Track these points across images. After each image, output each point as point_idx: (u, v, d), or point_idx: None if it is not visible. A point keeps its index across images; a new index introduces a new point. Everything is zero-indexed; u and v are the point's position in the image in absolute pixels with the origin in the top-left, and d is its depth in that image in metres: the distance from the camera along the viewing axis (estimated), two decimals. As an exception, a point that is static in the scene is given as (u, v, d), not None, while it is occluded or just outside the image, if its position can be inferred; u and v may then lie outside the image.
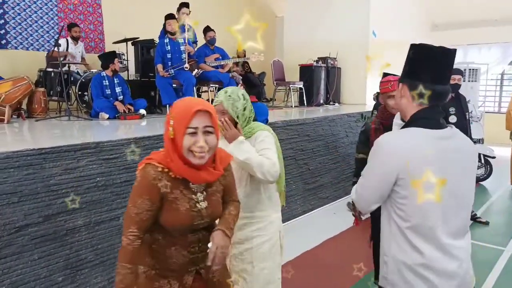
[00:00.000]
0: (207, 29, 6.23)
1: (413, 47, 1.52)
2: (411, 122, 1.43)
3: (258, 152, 1.94)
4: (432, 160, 1.36)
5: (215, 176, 1.50)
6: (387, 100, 2.52)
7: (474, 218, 4.57)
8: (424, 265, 1.38)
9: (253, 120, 3.27)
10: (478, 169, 6.07)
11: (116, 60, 5.28)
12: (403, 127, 1.47)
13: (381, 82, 2.57)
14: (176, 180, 1.45)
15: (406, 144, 1.38)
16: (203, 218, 1.50)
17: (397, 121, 1.62)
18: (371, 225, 2.74)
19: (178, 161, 1.43)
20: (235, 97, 1.97)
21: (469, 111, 4.50)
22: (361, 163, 2.26)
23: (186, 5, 5.92)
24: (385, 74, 3.98)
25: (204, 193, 1.52)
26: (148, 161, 1.45)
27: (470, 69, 7.18)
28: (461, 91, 4.44)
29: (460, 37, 9.92)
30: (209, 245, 1.48)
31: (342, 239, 4.07)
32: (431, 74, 1.40)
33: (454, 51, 1.45)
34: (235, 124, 1.97)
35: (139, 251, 1.46)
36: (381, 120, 2.58)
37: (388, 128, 1.85)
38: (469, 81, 7.08)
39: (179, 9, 5.92)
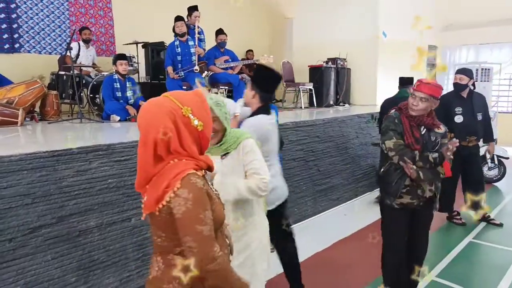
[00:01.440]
0: (218, 32, 6.25)
1: (260, 67, 2.71)
2: (258, 111, 2.50)
3: (247, 164, 1.98)
4: (271, 131, 2.57)
5: None
6: (411, 98, 2.56)
7: (487, 219, 4.50)
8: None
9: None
10: (491, 170, 6.00)
11: (118, 62, 5.21)
12: (254, 114, 2.51)
13: (418, 80, 2.62)
14: (203, 176, 1.36)
15: (266, 124, 2.49)
16: (223, 203, 1.50)
17: (241, 103, 2.66)
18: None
19: (205, 154, 1.38)
20: (221, 103, 1.93)
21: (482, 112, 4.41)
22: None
23: (195, 8, 5.94)
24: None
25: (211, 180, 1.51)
26: (184, 173, 1.26)
27: (482, 69, 7.08)
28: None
29: (472, 37, 9.81)
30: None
31: (353, 240, 4.05)
32: (268, 88, 2.57)
33: (280, 76, 2.69)
34: (224, 131, 1.95)
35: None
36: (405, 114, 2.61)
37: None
38: (481, 81, 6.98)
39: (190, 14, 5.94)
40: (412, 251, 2.79)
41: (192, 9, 5.95)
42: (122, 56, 5.32)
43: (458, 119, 4.21)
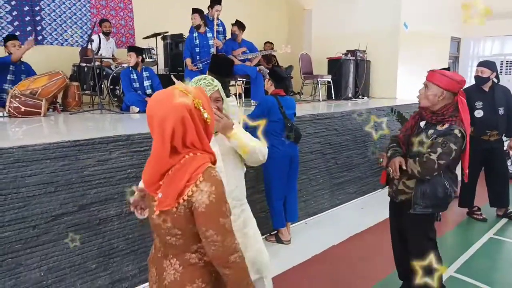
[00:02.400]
0: (234, 24, 6.24)
1: (216, 56, 2.98)
2: None
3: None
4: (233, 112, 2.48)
5: None
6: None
7: (509, 215, 4.41)
8: None
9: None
10: (514, 165, 5.84)
11: (128, 54, 5.25)
12: None
13: None
14: None
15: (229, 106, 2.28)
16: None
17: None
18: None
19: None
20: (220, 85, 1.99)
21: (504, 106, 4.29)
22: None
23: (218, 1, 5.92)
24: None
25: None
26: (204, 166, 1.26)
27: (507, 61, 6.89)
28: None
29: (496, 28, 9.51)
30: None
31: (370, 234, 4.02)
32: (222, 72, 2.74)
33: (231, 61, 3.11)
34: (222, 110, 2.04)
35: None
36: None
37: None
38: (506, 73, 6.79)
39: (212, 6, 5.93)
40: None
41: (215, 2, 5.92)
42: (129, 49, 5.34)
43: (478, 113, 4.13)
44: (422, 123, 2.46)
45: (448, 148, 2.27)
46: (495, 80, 4.19)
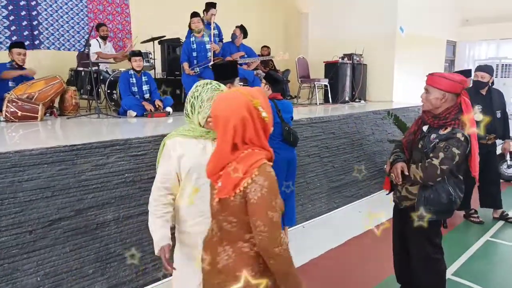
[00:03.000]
0: (238, 26, 6.25)
1: (215, 65, 3.08)
2: None
3: None
4: None
5: None
6: None
7: (506, 218, 4.43)
8: None
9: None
10: (510, 168, 5.88)
11: (132, 58, 5.26)
12: None
13: None
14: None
15: None
16: None
17: None
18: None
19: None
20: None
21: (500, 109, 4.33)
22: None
23: (213, 5, 5.94)
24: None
25: None
26: (260, 162, 1.37)
27: (503, 65, 6.95)
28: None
29: (493, 32, 9.59)
30: None
31: (367, 238, 4.03)
32: (226, 75, 3.06)
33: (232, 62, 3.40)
34: None
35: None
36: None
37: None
38: (501, 77, 6.85)
39: (207, 10, 5.94)
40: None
41: (210, 5, 5.94)
42: (136, 53, 5.37)
43: (478, 117, 4.15)
44: (425, 128, 2.43)
45: (451, 152, 2.22)
46: (490, 84, 4.23)
